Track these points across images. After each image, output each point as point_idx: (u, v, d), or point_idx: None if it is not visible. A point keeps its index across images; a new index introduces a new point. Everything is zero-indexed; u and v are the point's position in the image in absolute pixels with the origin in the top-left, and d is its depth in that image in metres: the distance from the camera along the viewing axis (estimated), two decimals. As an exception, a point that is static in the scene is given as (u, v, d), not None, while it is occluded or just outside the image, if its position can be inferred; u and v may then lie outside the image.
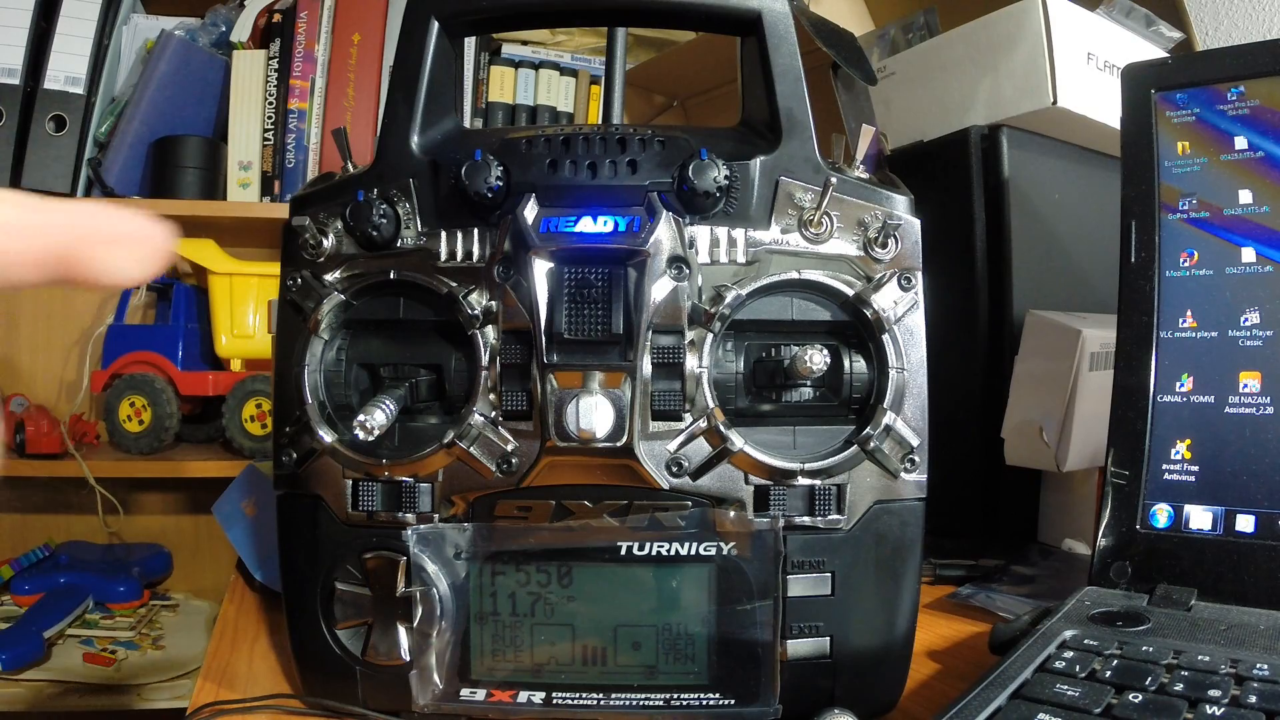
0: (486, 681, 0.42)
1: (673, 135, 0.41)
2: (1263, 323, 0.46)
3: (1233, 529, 0.45)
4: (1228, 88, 0.48)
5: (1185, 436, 0.47)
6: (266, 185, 1.40)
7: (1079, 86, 0.72)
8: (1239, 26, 0.98)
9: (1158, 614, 0.42)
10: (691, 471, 0.41)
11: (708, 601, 0.41)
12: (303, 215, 0.43)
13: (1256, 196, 0.46)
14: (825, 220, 0.41)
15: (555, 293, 0.39)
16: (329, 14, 1.41)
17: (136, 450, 1.38)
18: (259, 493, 0.63)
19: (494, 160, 0.39)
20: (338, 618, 0.43)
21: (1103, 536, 0.47)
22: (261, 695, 0.45)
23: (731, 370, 0.42)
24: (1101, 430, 0.49)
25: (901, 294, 0.41)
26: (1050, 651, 0.37)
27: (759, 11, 0.42)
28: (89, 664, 1.29)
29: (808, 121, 0.41)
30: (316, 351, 0.42)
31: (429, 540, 0.41)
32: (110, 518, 1.53)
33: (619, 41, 0.77)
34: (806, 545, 0.41)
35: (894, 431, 0.41)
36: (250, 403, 1.37)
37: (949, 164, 0.77)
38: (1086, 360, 0.66)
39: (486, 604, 0.42)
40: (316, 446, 0.41)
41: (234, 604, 0.60)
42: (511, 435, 0.41)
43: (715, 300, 0.40)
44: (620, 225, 0.39)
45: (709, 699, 0.41)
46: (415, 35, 0.43)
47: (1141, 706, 0.32)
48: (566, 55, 1.54)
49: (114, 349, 1.42)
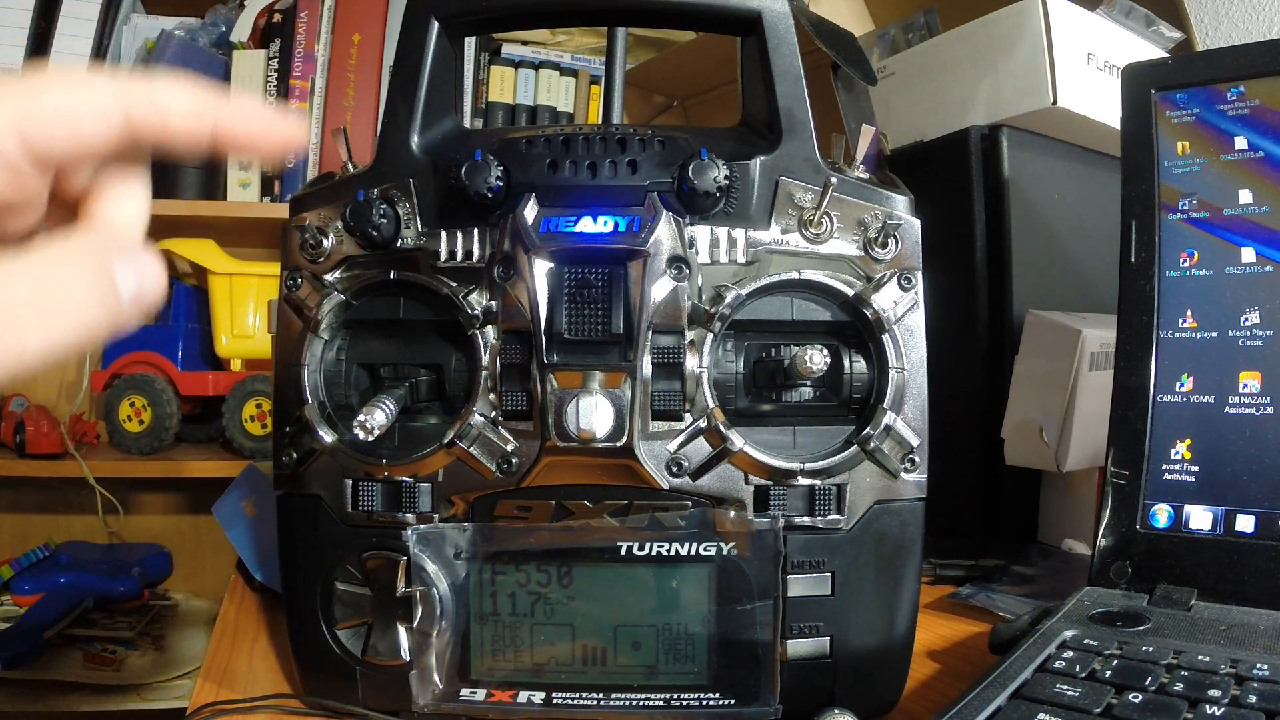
0: (486, 681, 0.42)
1: (673, 135, 0.41)
2: (1263, 323, 0.46)
3: (1233, 529, 0.45)
4: (1228, 88, 0.48)
5: (1185, 436, 0.47)
6: (266, 185, 1.40)
7: (1079, 86, 0.72)
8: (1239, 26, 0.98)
9: (1158, 614, 0.42)
10: (691, 471, 0.41)
11: (708, 601, 0.41)
12: (303, 215, 0.43)
13: (1256, 196, 0.46)
14: (825, 220, 0.41)
15: (555, 293, 0.39)
16: (329, 14, 1.41)
17: (136, 450, 1.38)
18: (259, 493, 0.63)
19: (494, 160, 0.39)
20: (338, 618, 0.43)
21: (1103, 536, 0.47)
22: (261, 695, 0.45)
23: (731, 370, 0.42)
24: (1101, 430, 0.49)
25: (901, 294, 0.41)
26: (1050, 651, 0.37)
27: (759, 11, 0.42)
28: (89, 664, 1.29)
29: (808, 121, 0.41)
30: (316, 351, 0.42)
31: (429, 540, 0.41)
32: (110, 518, 1.53)
33: (619, 41, 0.77)
34: (806, 545, 0.41)
35: (894, 431, 0.41)
36: (250, 403, 1.37)
37: (949, 164, 0.77)
38: (1086, 360, 0.66)
39: (486, 604, 0.42)
40: (316, 446, 0.41)
41: (234, 604, 0.60)
42: (511, 435, 0.41)
43: (715, 300, 0.40)
44: (620, 225, 0.39)
45: (709, 699, 0.41)
46: (415, 35, 0.43)
47: (1141, 706, 0.32)
48: (566, 55, 1.54)
49: (114, 349, 1.41)
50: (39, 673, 1.26)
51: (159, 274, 0.26)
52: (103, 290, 0.24)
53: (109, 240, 0.26)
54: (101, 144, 0.25)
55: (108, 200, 0.27)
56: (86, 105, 0.25)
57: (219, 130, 0.27)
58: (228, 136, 0.27)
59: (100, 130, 0.25)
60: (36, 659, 1.26)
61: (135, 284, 0.25)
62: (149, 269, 0.26)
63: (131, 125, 0.25)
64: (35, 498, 1.57)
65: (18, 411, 1.41)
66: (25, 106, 0.24)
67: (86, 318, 0.24)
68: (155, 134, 0.26)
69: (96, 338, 0.24)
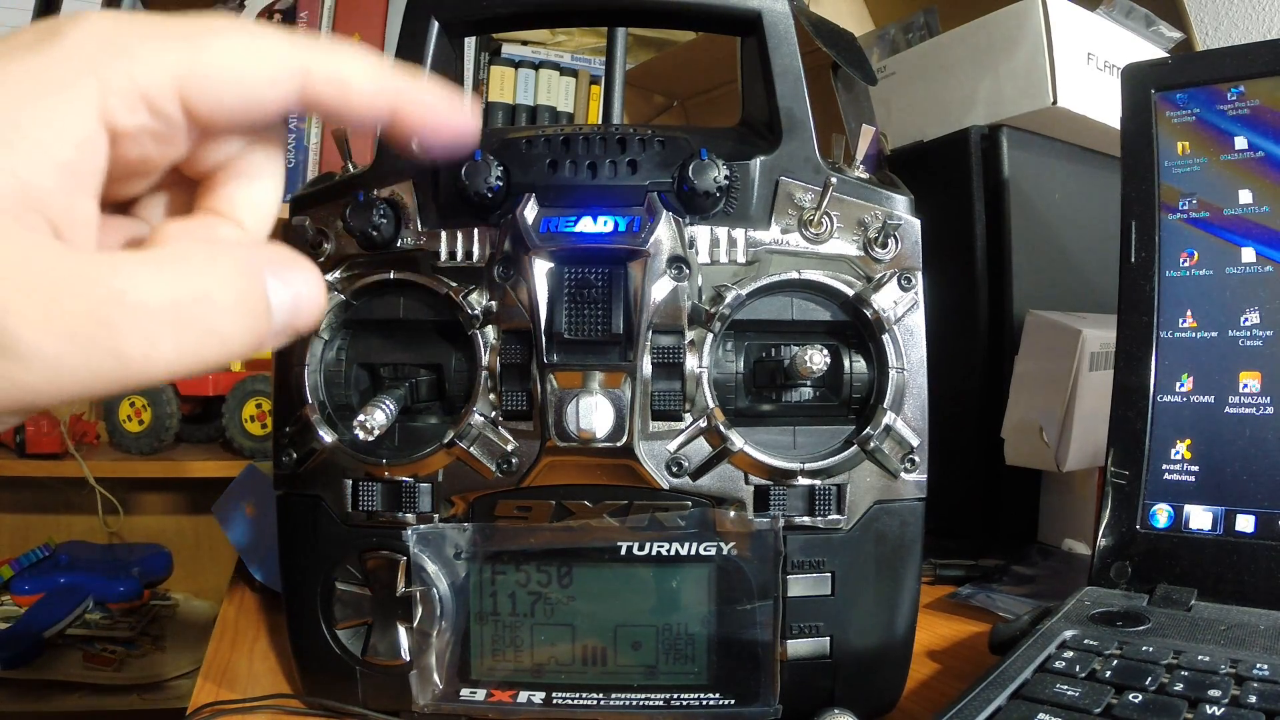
0: (486, 681, 0.42)
1: (673, 135, 0.41)
2: (1263, 323, 0.46)
3: (1233, 529, 0.45)
4: (1228, 88, 0.48)
5: (1185, 436, 0.47)
6: (266, 185, 1.40)
7: (1079, 86, 0.72)
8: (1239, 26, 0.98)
9: (1158, 614, 0.42)
10: (691, 471, 0.41)
11: (708, 601, 0.41)
12: (303, 215, 0.43)
13: (1256, 196, 0.46)
14: (825, 220, 0.41)
15: (555, 293, 0.39)
16: (329, 14, 1.41)
17: (136, 450, 1.38)
18: (259, 493, 0.63)
19: (494, 160, 0.39)
20: (338, 618, 0.43)
21: (1103, 536, 0.47)
22: (261, 695, 0.45)
23: (731, 370, 0.42)
24: (1101, 430, 0.49)
25: (901, 294, 0.41)
26: (1050, 651, 0.37)
27: (759, 11, 0.42)
28: (89, 664, 1.29)
29: (808, 121, 0.41)
30: (316, 351, 0.42)
31: (429, 540, 0.41)
32: (110, 518, 1.53)
33: (619, 41, 0.77)
34: (806, 545, 0.41)
35: (894, 431, 0.41)
36: (250, 403, 1.37)
37: (949, 164, 0.77)
38: (1086, 360, 0.66)
39: (486, 604, 0.42)
40: (316, 446, 0.41)
41: (234, 604, 0.60)
42: (511, 435, 0.41)
43: (715, 300, 0.40)
44: (620, 225, 0.39)
45: (709, 699, 0.41)
46: (415, 35, 0.43)
47: (1141, 706, 0.32)
48: (566, 55, 1.54)
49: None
50: (39, 673, 1.26)
51: (318, 291, 0.23)
52: (251, 306, 0.21)
53: (263, 247, 0.22)
54: (271, 112, 0.22)
55: (241, 187, 0.24)
56: (262, 64, 0.21)
57: (398, 111, 0.24)
58: (406, 120, 0.24)
59: (273, 96, 0.22)
60: (36, 659, 1.26)
61: (291, 302, 0.22)
62: (307, 285, 0.22)
63: (307, 95, 0.22)
64: (35, 498, 1.57)
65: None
66: (190, 58, 0.21)
67: (228, 335, 0.21)
68: (332, 108, 0.23)
69: (234, 358, 0.21)
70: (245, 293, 0.21)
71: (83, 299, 0.18)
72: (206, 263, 0.21)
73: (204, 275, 0.20)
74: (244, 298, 0.21)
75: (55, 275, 0.18)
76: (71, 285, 0.18)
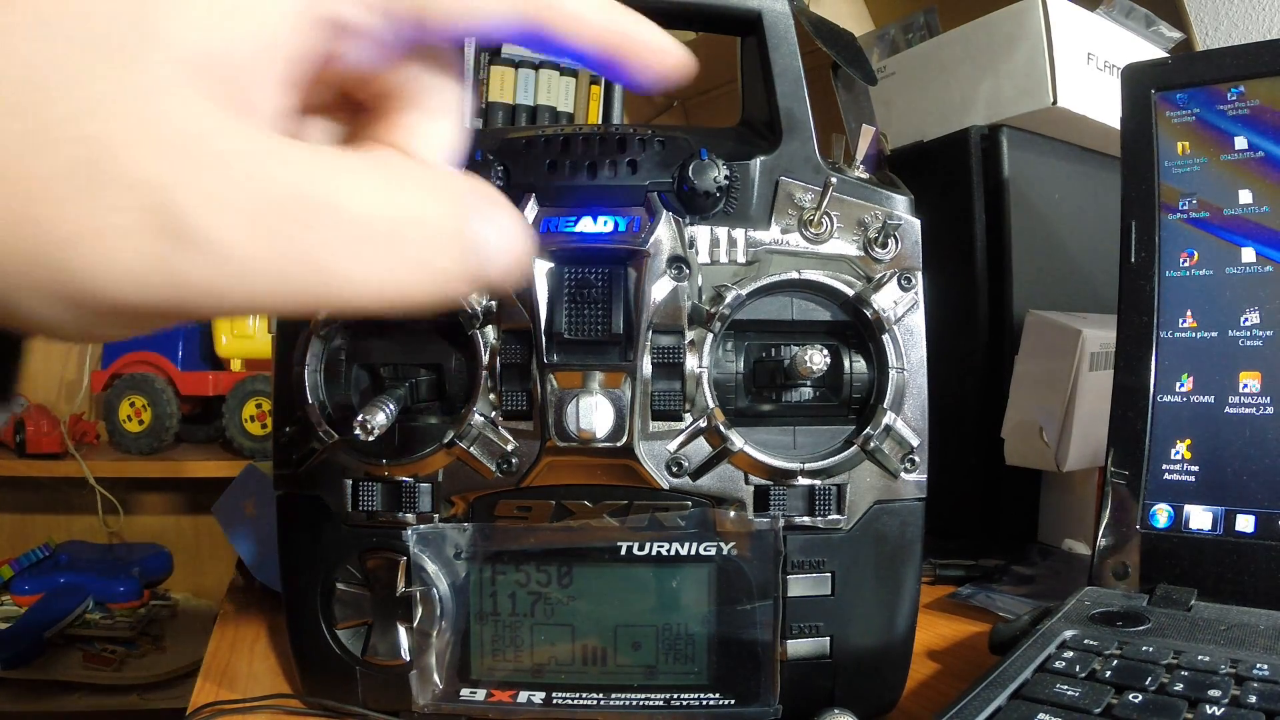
0: (486, 681, 0.42)
1: (673, 135, 0.41)
2: (1263, 323, 0.46)
3: (1233, 529, 0.45)
4: (1228, 88, 0.48)
5: (1185, 436, 0.47)
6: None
7: (1079, 86, 0.72)
8: (1239, 26, 0.98)
9: (1158, 614, 0.42)
10: (691, 471, 0.41)
11: (708, 601, 0.41)
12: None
13: (1256, 196, 0.46)
14: (825, 220, 0.41)
15: (555, 293, 0.39)
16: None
17: (136, 450, 1.38)
18: (259, 493, 0.63)
19: (494, 160, 0.39)
20: (338, 618, 0.43)
21: (1103, 536, 0.47)
22: (261, 695, 0.45)
23: (731, 370, 0.42)
24: (1101, 430, 0.49)
25: (901, 294, 0.41)
26: (1050, 651, 0.37)
27: (759, 11, 0.42)
28: (89, 664, 1.29)
29: (808, 121, 0.41)
30: (317, 351, 0.42)
31: (429, 540, 0.41)
32: (110, 518, 1.53)
33: (619, 41, 0.76)
34: (806, 545, 0.41)
35: (894, 431, 0.41)
36: (250, 403, 1.37)
37: (949, 164, 0.77)
38: (1086, 360, 0.66)
39: (486, 604, 0.42)
40: (316, 446, 0.41)
41: (234, 604, 0.60)
42: (511, 435, 0.41)
43: (715, 300, 0.40)
44: (620, 225, 0.39)
45: (709, 699, 0.41)
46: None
47: (1141, 707, 0.32)
48: (566, 55, 1.54)
49: (114, 349, 1.42)
50: (39, 673, 1.26)
51: (523, 234, 0.20)
52: (469, 240, 0.19)
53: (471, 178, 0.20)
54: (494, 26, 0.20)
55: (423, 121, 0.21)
56: None
57: (625, 48, 0.22)
58: (632, 56, 0.22)
59: (501, 10, 0.20)
60: (36, 659, 1.26)
61: (496, 242, 0.19)
62: (515, 227, 0.20)
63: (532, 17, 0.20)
64: (35, 498, 1.57)
65: (18, 411, 1.41)
66: None
67: (440, 269, 0.18)
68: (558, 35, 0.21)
69: (438, 298, 0.19)
70: (462, 224, 0.19)
71: (282, 187, 0.16)
72: (425, 182, 0.19)
73: (423, 196, 0.18)
74: (461, 230, 0.19)
75: (249, 157, 0.16)
76: (269, 169, 0.16)
